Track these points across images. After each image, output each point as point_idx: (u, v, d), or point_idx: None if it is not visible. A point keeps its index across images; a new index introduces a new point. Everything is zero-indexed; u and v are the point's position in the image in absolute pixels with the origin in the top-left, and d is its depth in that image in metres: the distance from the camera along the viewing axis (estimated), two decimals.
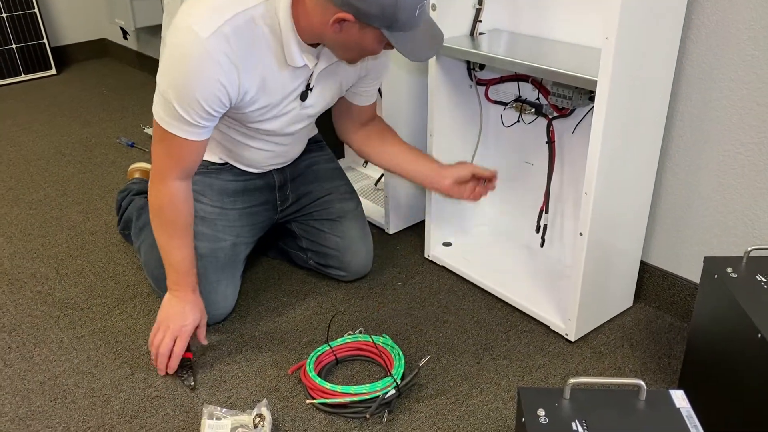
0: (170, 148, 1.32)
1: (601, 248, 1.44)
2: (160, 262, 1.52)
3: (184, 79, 1.23)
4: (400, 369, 1.37)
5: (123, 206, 1.81)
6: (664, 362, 1.45)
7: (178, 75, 1.23)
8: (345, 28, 1.22)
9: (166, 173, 1.35)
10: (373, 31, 1.22)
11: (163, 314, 1.43)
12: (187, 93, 1.24)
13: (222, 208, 1.55)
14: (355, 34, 1.23)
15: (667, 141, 1.49)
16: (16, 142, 2.68)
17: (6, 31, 3.34)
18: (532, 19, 1.57)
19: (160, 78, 1.26)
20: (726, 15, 1.31)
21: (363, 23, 1.21)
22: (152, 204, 1.39)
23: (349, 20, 1.19)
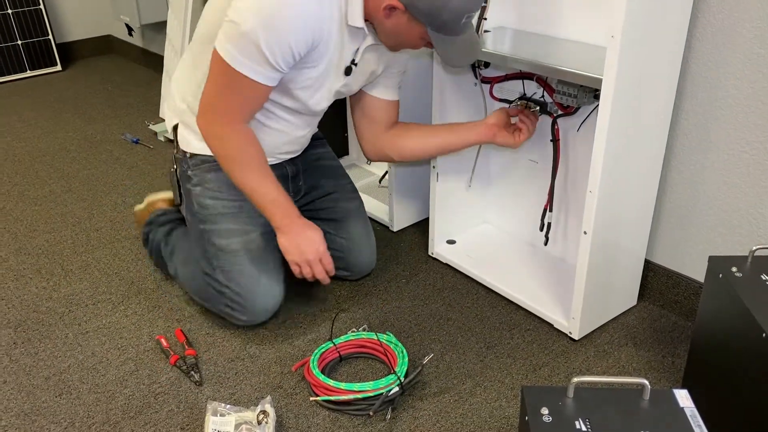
0: (240, 90, 1.30)
1: (605, 247, 1.44)
2: (196, 274, 1.55)
3: (281, 20, 1.21)
4: (404, 366, 1.37)
5: (151, 238, 1.75)
6: (668, 361, 1.45)
7: (275, 14, 1.21)
8: (394, 16, 1.28)
9: (234, 116, 1.35)
10: (419, 26, 1.28)
11: (293, 252, 1.44)
12: (281, 34, 1.23)
13: (243, 200, 1.50)
14: (403, 24, 1.29)
15: (672, 139, 1.48)
16: (22, 138, 2.69)
17: (12, 28, 3.35)
18: (537, 17, 1.57)
19: (245, 17, 1.22)
20: (732, 13, 1.31)
21: (411, 16, 1.27)
22: (228, 148, 1.37)
23: (399, 9, 1.25)
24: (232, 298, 1.49)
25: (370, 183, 2.19)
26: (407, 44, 1.36)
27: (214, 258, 1.50)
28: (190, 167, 1.52)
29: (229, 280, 1.48)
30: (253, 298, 1.48)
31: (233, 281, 1.48)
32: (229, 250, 1.49)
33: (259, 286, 1.49)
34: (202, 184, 1.51)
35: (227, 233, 1.50)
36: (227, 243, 1.49)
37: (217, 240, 1.49)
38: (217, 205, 1.50)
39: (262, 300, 1.49)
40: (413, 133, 1.59)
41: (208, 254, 1.51)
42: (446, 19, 1.25)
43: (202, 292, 1.56)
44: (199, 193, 1.51)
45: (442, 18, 1.24)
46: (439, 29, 1.27)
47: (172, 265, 1.66)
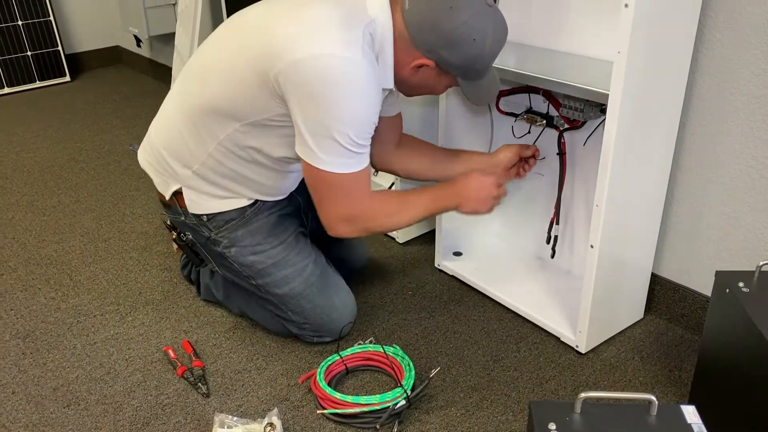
0: (358, 183, 1.30)
1: (612, 260, 1.44)
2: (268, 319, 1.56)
3: (356, 105, 1.20)
4: (411, 380, 1.37)
5: (194, 279, 1.73)
6: (674, 375, 1.45)
7: (349, 103, 1.19)
8: (422, 72, 1.30)
9: (363, 206, 1.33)
10: (448, 77, 1.31)
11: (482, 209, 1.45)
12: (362, 116, 1.23)
13: (282, 242, 1.49)
14: (431, 78, 1.31)
15: (678, 154, 1.49)
16: (31, 149, 2.71)
17: (22, 39, 3.39)
18: (544, 32, 1.58)
19: (325, 125, 1.20)
20: (738, 30, 1.31)
21: (442, 71, 1.29)
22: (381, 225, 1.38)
23: (430, 66, 1.27)
24: (316, 330, 1.52)
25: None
26: (433, 93, 1.38)
27: (282, 305, 1.50)
28: (212, 231, 1.47)
29: (307, 318, 1.50)
30: (335, 323, 1.51)
31: (310, 318, 1.50)
32: (293, 294, 1.48)
33: (335, 311, 1.51)
34: (236, 244, 1.47)
35: (284, 281, 1.48)
36: (290, 289, 1.48)
37: (277, 290, 1.49)
38: (262, 259, 1.47)
39: (342, 319, 1.53)
40: (420, 158, 1.59)
41: (273, 302, 1.51)
42: (479, 68, 1.28)
43: (282, 331, 1.56)
44: (236, 254, 1.48)
45: (475, 68, 1.27)
46: (469, 77, 1.30)
47: (233, 307, 1.65)
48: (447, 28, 1.22)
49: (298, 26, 1.20)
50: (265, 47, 1.22)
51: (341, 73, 1.17)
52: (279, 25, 1.22)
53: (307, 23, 1.20)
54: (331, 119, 1.20)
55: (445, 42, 1.23)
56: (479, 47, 1.24)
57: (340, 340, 1.56)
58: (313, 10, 1.22)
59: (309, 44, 1.18)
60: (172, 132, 1.42)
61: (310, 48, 1.17)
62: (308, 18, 1.21)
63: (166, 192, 1.49)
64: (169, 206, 1.52)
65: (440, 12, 1.21)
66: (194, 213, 1.46)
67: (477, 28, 1.22)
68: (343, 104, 1.19)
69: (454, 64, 1.26)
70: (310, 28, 1.19)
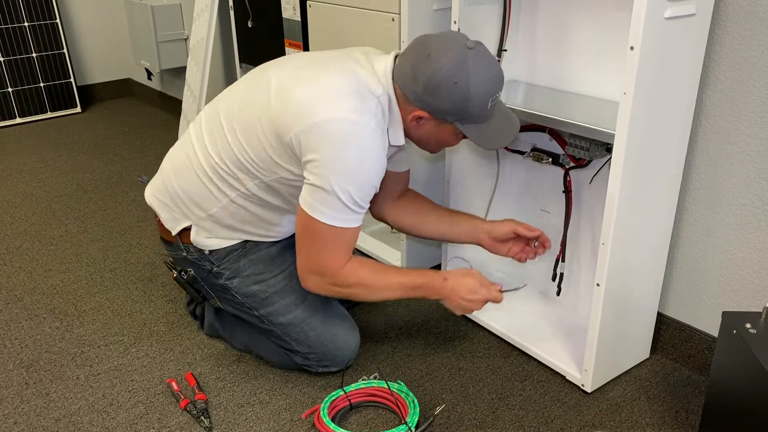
0: (345, 241, 1.33)
1: (618, 299, 1.44)
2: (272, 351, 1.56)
3: (363, 165, 1.26)
4: (415, 417, 1.36)
5: (198, 314, 1.73)
6: (681, 416, 1.43)
7: (357, 162, 1.25)
8: (423, 125, 1.32)
9: (340, 265, 1.35)
10: (448, 125, 1.31)
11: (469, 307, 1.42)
12: (366, 178, 1.27)
13: (283, 271, 1.52)
14: (433, 129, 1.33)
15: (683, 194, 1.50)
16: (40, 178, 2.74)
17: (35, 70, 3.45)
18: (550, 72, 1.61)
19: (329, 181, 1.25)
20: (742, 71, 1.34)
21: (438, 119, 1.30)
22: (350, 289, 1.38)
23: (426, 117, 1.30)
24: (320, 359, 1.52)
25: (382, 228, 2.21)
26: (444, 145, 1.40)
27: (285, 335, 1.51)
28: (214, 264, 1.50)
29: (311, 347, 1.50)
30: (340, 351, 1.51)
31: (314, 346, 1.50)
32: (297, 322, 1.49)
33: (340, 339, 1.52)
34: (238, 274, 1.50)
35: (287, 309, 1.50)
36: (293, 317, 1.49)
37: (281, 318, 1.50)
38: (265, 288, 1.49)
39: (347, 348, 1.53)
40: (412, 217, 1.60)
41: (276, 333, 1.52)
42: (473, 111, 1.27)
43: (286, 364, 1.56)
44: (239, 284, 1.50)
45: (469, 111, 1.27)
46: (468, 121, 1.29)
47: (237, 343, 1.65)
48: (427, 75, 1.25)
49: (317, 92, 1.28)
50: (285, 111, 1.29)
51: (354, 134, 1.25)
52: (298, 89, 1.29)
53: (326, 90, 1.28)
54: (338, 174, 1.25)
55: (428, 89, 1.26)
56: (463, 89, 1.24)
57: (346, 369, 1.55)
58: (331, 77, 1.30)
59: (326, 109, 1.25)
60: (192, 175, 1.45)
61: (327, 112, 1.25)
62: (326, 85, 1.29)
63: (174, 228, 1.50)
64: (170, 243, 1.54)
65: (419, 62, 1.26)
66: (197, 248, 1.49)
67: (456, 71, 1.23)
68: (351, 162, 1.25)
69: (445, 109, 1.27)
70: (328, 94, 1.27)
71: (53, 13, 3.43)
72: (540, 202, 1.76)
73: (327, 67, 1.32)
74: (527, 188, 1.78)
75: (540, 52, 1.61)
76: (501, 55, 1.62)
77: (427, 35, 1.30)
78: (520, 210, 1.81)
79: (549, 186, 1.71)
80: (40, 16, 3.39)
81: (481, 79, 1.25)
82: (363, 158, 1.26)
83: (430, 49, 1.25)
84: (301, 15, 2.10)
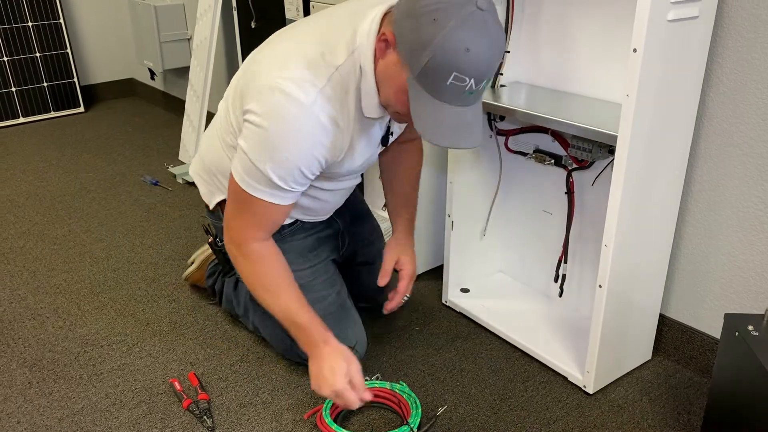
0: (255, 213, 1.27)
1: (620, 300, 1.44)
2: (278, 339, 1.54)
3: (287, 149, 1.18)
4: (417, 418, 1.36)
5: (218, 289, 1.74)
6: (683, 418, 1.43)
7: (280, 145, 1.17)
8: (387, 55, 1.14)
9: (249, 237, 1.30)
10: (403, 73, 1.12)
11: (320, 383, 1.31)
12: (289, 162, 1.19)
13: (312, 266, 1.52)
14: (391, 66, 1.14)
15: (686, 195, 1.50)
16: (43, 178, 2.75)
17: (39, 70, 3.46)
18: (552, 73, 1.61)
19: (250, 146, 1.20)
20: (745, 75, 1.34)
21: (399, 55, 1.12)
22: (247, 276, 1.33)
23: (390, 41, 1.12)
24: None
25: (384, 229, 2.21)
26: (392, 100, 1.20)
27: None
28: None
29: None
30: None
31: None
32: None
33: (347, 342, 1.46)
34: None
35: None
36: None
37: None
38: None
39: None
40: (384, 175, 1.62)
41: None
42: (428, 68, 1.07)
43: (290, 353, 1.56)
44: None
45: (423, 63, 1.07)
46: (420, 78, 1.09)
47: (248, 323, 1.66)
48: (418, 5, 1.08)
49: (271, 58, 1.22)
50: (243, 78, 1.26)
51: (285, 112, 1.16)
52: (259, 56, 1.26)
53: (280, 57, 1.21)
54: (258, 147, 1.19)
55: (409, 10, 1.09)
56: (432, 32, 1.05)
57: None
58: (295, 44, 1.22)
59: (270, 75, 1.18)
60: (217, 149, 1.43)
61: (270, 78, 1.17)
62: (283, 52, 1.22)
63: (211, 201, 1.54)
64: (212, 212, 1.57)
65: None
66: None
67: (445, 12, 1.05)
68: (274, 140, 1.18)
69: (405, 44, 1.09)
70: (280, 61, 1.20)
71: (57, 13, 3.43)
72: (542, 204, 1.76)
73: (305, 32, 1.24)
74: (530, 190, 1.78)
75: (543, 53, 1.61)
76: (504, 56, 1.62)
77: None
78: (523, 211, 1.81)
79: (551, 187, 1.71)
80: (43, 15, 3.40)
81: (458, 39, 1.04)
82: (288, 139, 1.17)
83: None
84: (304, 15, 2.11)
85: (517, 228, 1.85)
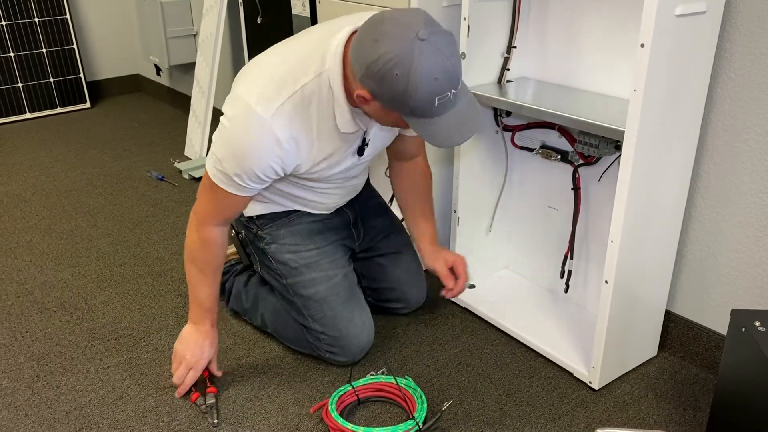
0: (216, 198, 1.36)
1: (626, 296, 1.44)
2: (289, 325, 1.59)
3: (242, 153, 1.26)
4: (423, 412, 1.36)
5: (227, 288, 1.80)
6: (689, 414, 1.43)
7: (237, 148, 1.26)
8: (368, 105, 1.23)
9: (207, 219, 1.40)
10: (392, 111, 1.22)
11: (183, 345, 1.48)
12: (244, 165, 1.28)
13: (318, 248, 1.56)
14: (380, 111, 1.24)
15: (693, 191, 1.50)
16: (50, 173, 2.76)
17: (45, 66, 3.47)
18: (559, 69, 1.61)
19: (217, 144, 1.30)
20: (753, 69, 1.33)
21: (383, 105, 1.20)
22: (189, 243, 1.43)
23: (369, 99, 1.20)
24: (330, 343, 1.53)
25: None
26: (393, 125, 1.31)
27: (304, 308, 1.54)
28: (259, 228, 1.56)
29: (324, 327, 1.52)
30: (351, 340, 1.53)
31: (328, 327, 1.52)
32: (317, 298, 1.52)
33: (354, 327, 1.53)
34: (277, 241, 1.55)
35: (312, 283, 1.53)
36: (314, 292, 1.53)
37: (303, 291, 1.53)
38: (296, 258, 1.54)
39: (358, 339, 1.54)
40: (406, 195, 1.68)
41: (296, 306, 1.55)
42: (415, 106, 1.16)
43: (298, 342, 1.60)
44: (275, 251, 1.55)
45: (409, 105, 1.16)
46: (413, 114, 1.19)
47: (257, 316, 1.69)
48: (369, 60, 1.15)
49: (247, 73, 1.32)
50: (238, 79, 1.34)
51: (243, 123, 1.26)
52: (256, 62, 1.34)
53: (253, 73, 1.31)
54: (225, 151, 1.29)
55: (370, 74, 1.16)
56: (403, 83, 1.13)
57: (355, 365, 1.56)
58: (272, 59, 1.32)
59: (240, 88, 1.28)
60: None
61: (239, 90, 1.28)
62: (256, 67, 1.32)
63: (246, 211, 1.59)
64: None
65: (365, 44, 1.16)
66: (246, 215, 1.58)
67: (398, 63, 1.12)
68: (237, 147, 1.27)
69: (386, 98, 1.18)
70: (252, 77, 1.30)
71: (63, 9, 3.44)
72: (548, 200, 1.76)
73: (290, 52, 1.32)
74: (536, 185, 1.78)
75: (550, 48, 1.61)
76: (510, 52, 1.62)
77: (384, 13, 1.19)
78: (529, 207, 1.81)
79: (558, 183, 1.71)
80: (50, 11, 3.41)
81: (424, 76, 1.12)
82: (244, 145, 1.26)
83: (379, 32, 1.15)
84: (310, 11, 2.11)
85: (523, 224, 1.85)
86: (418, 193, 1.67)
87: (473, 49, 1.57)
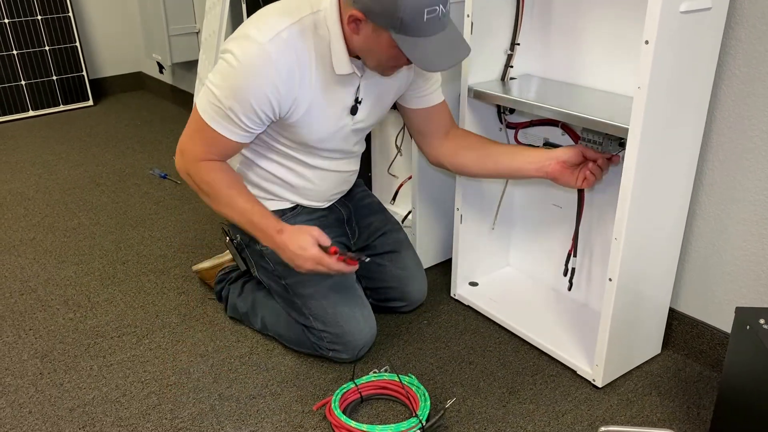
0: (207, 139, 1.38)
1: (629, 294, 1.44)
2: (290, 326, 1.58)
3: (240, 83, 1.29)
4: (426, 410, 1.36)
5: (224, 295, 1.78)
6: (693, 412, 1.43)
7: (233, 75, 1.29)
8: (361, 29, 1.27)
9: (200, 157, 1.40)
10: (383, 32, 1.24)
11: (299, 263, 1.39)
12: (241, 96, 1.30)
13: None
14: (370, 36, 1.27)
15: (697, 189, 1.49)
16: (53, 171, 2.76)
17: (48, 64, 3.47)
18: (563, 66, 1.60)
19: (213, 78, 1.32)
20: (758, 66, 1.33)
21: (373, 23, 1.24)
22: (199, 185, 1.42)
23: (361, 19, 1.25)
24: (333, 341, 1.52)
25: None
26: (384, 60, 1.31)
27: (305, 308, 1.53)
28: None
29: (326, 324, 1.52)
30: (353, 336, 1.51)
31: (330, 324, 1.51)
32: (318, 297, 1.52)
33: (356, 323, 1.52)
34: None
35: (310, 280, 1.52)
36: (314, 290, 1.52)
37: (303, 290, 1.53)
38: None
39: (361, 335, 1.53)
40: (467, 151, 1.54)
41: (297, 306, 1.55)
42: (405, 18, 1.19)
43: (300, 343, 1.59)
44: (271, 252, 1.52)
45: (399, 17, 1.19)
46: (402, 30, 1.21)
47: (256, 320, 1.68)
48: None
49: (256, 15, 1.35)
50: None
51: (245, 52, 1.29)
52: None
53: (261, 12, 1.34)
54: (218, 78, 1.31)
55: None
56: None
57: (357, 362, 1.56)
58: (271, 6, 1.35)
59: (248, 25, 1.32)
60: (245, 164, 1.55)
61: (245, 28, 1.32)
62: (266, 9, 1.35)
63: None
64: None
65: None
66: None
67: None
68: (236, 76, 1.29)
69: (375, 10, 1.21)
70: (251, 18, 1.34)
71: (66, 7, 3.44)
72: (552, 197, 1.75)
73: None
74: (539, 183, 1.77)
75: (553, 45, 1.60)
76: (514, 49, 1.62)
77: None
78: (532, 205, 1.81)
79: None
80: (52, 9, 3.41)
81: None
82: (244, 73, 1.28)
83: None
84: None
85: (527, 222, 1.84)
86: (480, 144, 1.54)
87: (476, 46, 1.57)
